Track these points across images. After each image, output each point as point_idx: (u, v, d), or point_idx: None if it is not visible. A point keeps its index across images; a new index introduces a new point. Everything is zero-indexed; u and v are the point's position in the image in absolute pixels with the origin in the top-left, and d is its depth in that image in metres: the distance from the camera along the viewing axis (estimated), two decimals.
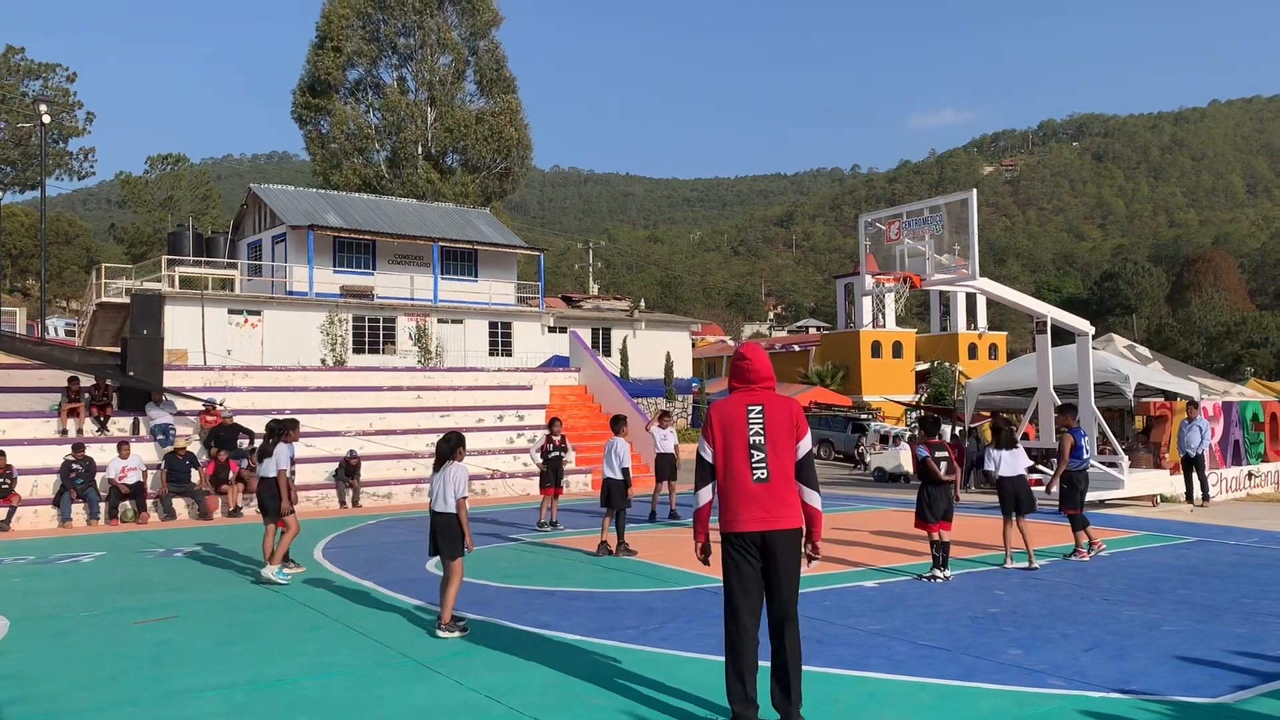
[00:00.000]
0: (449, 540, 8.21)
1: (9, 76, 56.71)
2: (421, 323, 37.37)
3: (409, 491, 20.29)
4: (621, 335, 43.22)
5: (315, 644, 7.90)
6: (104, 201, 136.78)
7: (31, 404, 19.69)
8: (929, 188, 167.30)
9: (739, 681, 5.52)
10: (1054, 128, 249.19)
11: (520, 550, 13.21)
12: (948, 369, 54.15)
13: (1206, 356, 77.15)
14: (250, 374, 23.76)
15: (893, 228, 17.34)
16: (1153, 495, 18.36)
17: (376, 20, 56.27)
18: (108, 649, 7.83)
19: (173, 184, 74.49)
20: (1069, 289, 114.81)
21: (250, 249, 42.19)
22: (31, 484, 17.21)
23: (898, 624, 8.31)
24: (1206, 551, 12.54)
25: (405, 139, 55.36)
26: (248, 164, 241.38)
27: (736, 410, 5.70)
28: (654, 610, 9.01)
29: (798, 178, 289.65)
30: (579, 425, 25.66)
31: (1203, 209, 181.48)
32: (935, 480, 10.49)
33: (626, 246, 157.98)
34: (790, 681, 5.52)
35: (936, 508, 10.47)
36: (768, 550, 5.53)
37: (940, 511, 10.45)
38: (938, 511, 10.45)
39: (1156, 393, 20.81)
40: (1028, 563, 11.08)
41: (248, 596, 10.06)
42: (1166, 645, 7.56)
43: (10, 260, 68.17)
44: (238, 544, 14.00)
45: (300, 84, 56.72)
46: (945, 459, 10.62)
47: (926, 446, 10.66)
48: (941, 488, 10.52)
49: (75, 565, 12.43)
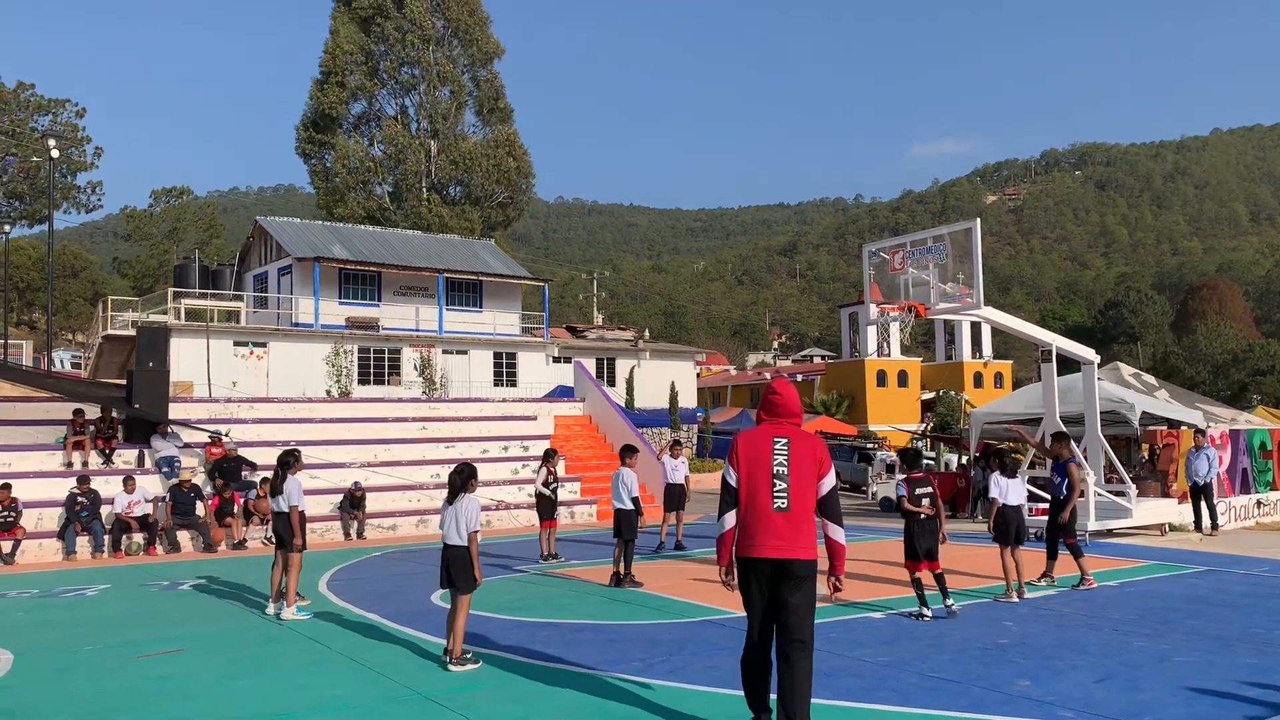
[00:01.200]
0: (461, 574, 8.18)
1: (19, 112, 57.21)
2: (426, 353, 37.41)
3: (414, 523, 20.23)
4: (626, 365, 43.21)
5: (321, 678, 7.86)
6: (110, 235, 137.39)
7: (37, 436, 19.71)
8: (932, 217, 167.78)
9: (754, 694, 5.89)
10: (1056, 157, 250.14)
11: (525, 582, 13.16)
12: (953, 397, 54.10)
13: (1213, 384, 76.87)
14: (255, 406, 23.78)
15: (896, 257, 17.36)
16: (1161, 524, 18.25)
17: (378, 55, 56.75)
18: (111, 683, 7.80)
19: (177, 217, 74.93)
20: (1073, 317, 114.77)
21: (256, 281, 42.36)
22: (36, 517, 17.20)
23: (905, 655, 8.25)
24: (1216, 581, 12.46)
25: (408, 171, 55.68)
26: (254, 196, 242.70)
27: (763, 441, 5.90)
28: (660, 643, 8.96)
29: (801, 207, 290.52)
30: (584, 456, 25.63)
31: (1206, 237, 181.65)
32: (917, 517, 10.07)
33: (631, 277, 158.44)
34: (794, 712, 5.56)
35: (920, 545, 10.07)
36: (779, 578, 5.67)
37: (924, 549, 10.06)
38: (921, 549, 10.07)
39: (1163, 421, 20.75)
40: (1016, 595, 10.98)
41: (252, 629, 10.02)
42: (1177, 676, 7.50)
43: (17, 293, 68.48)
44: (242, 577, 13.96)
45: (304, 119, 57.10)
46: (929, 494, 10.19)
47: (907, 483, 10.29)
48: (926, 524, 10.09)
49: (79, 598, 12.39)
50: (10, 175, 54.65)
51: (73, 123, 59.52)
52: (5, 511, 16.37)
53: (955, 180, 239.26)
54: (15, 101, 57.32)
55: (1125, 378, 22.39)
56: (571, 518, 22.05)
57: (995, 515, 11.28)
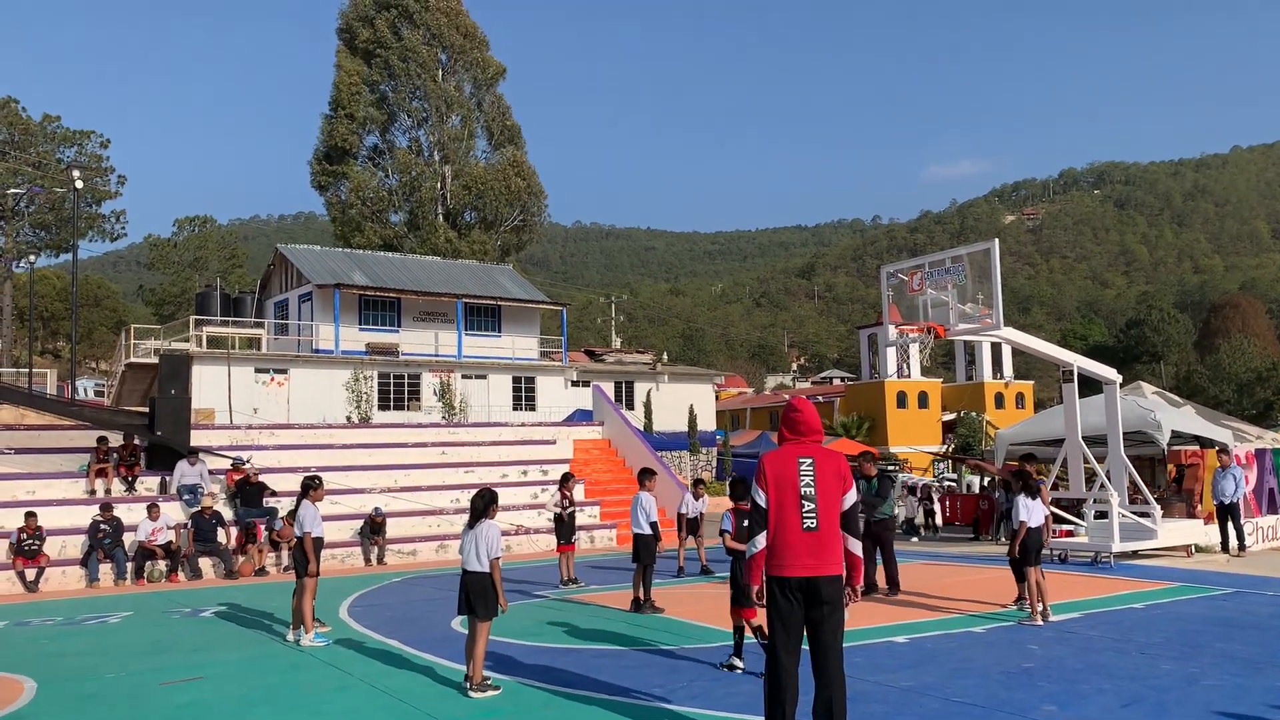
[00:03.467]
0: (481, 600, 8.16)
1: (45, 144, 58.09)
2: (446, 378, 37.54)
3: (434, 548, 20.23)
4: (645, 388, 43.21)
5: (341, 704, 7.85)
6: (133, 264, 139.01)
7: (60, 464, 19.86)
8: (950, 237, 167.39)
9: (778, 712, 5.87)
10: (1075, 176, 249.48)
11: (545, 607, 13.12)
12: (974, 419, 53.78)
13: (1237, 403, 76.22)
14: (276, 432, 23.90)
15: (915, 278, 17.31)
16: (1187, 545, 18.04)
17: (385, 87, 57.24)
18: (133, 711, 7.81)
19: (200, 245, 75.73)
20: (1094, 337, 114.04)
21: (277, 308, 42.70)
22: (60, 544, 17.30)
23: (929, 680, 8.17)
24: (1244, 603, 12.29)
25: (422, 198, 56.02)
26: (274, 224, 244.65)
27: (788, 462, 6.04)
28: (681, 669, 8.91)
29: (818, 229, 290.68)
30: (603, 479, 25.58)
31: (1228, 255, 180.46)
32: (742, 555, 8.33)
33: (648, 300, 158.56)
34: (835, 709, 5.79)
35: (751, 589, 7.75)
36: (811, 594, 5.85)
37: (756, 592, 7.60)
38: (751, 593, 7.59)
39: (1189, 440, 20.54)
40: (1038, 616, 10.84)
41: (274, 656, 10.02)
42: (1206, 700, 7.39)
43: (42, 323, 69.25)
44: (264, 603, 13.98)
45: (316, 153, 57.52)
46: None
47: (734, 514, 9.47)
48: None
49: (102, 626, 12.44)
50: (36, 205, 55.40)
51: (97, 154, 60.41)
52: (30, 539, 16.48)
53: (973, 200, 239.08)
54: (42, 133, 58.25)
55: (1149, 396, 22.20)
56: (591, 542, 21.99)
57: (1021, 537, 11.20)
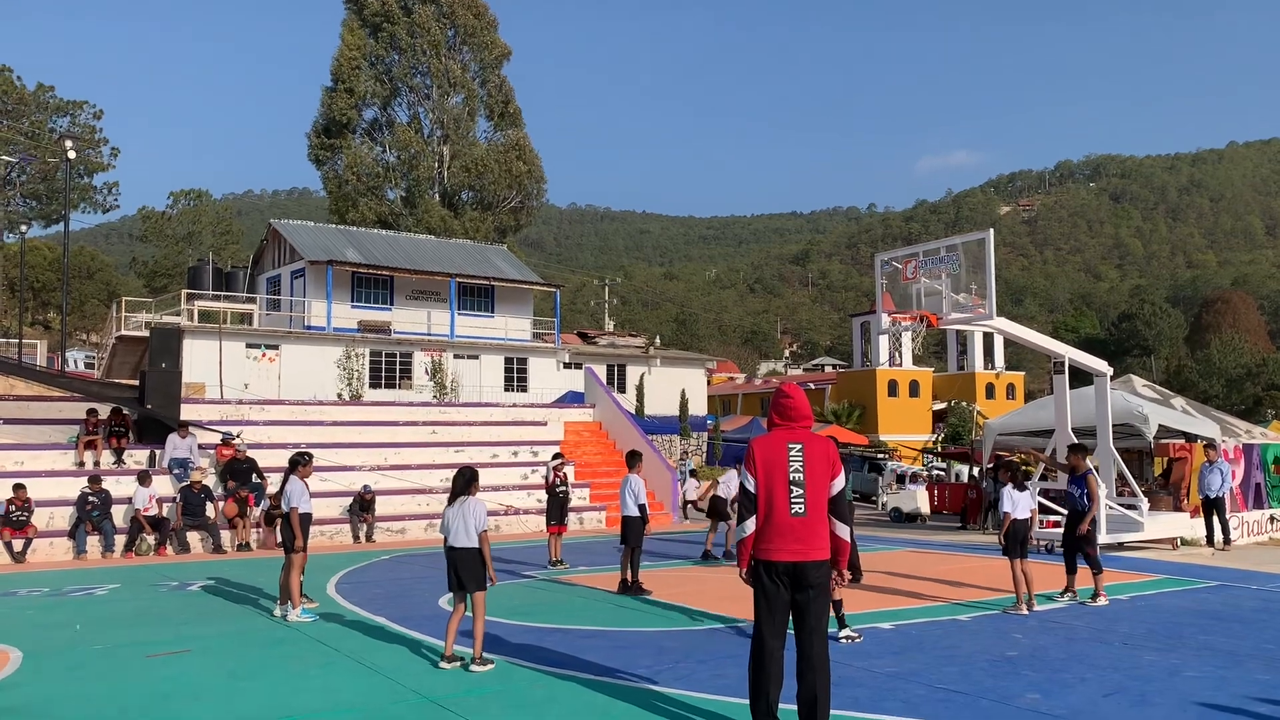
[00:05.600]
0: (471, 575, 8.19)
1: (38, 113, 57.67)
2: (437, 358, 37.47)
3: (423, 527, 20.25)
4: (637, 372, 43.19)
5: (327, 680, 7.86)
6: (126, 236, 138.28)
7: (49, 436, 19.81)
8: (945, 227, 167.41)
9: (762, 695, 5.87)
10: (1070, 168, 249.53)
11: (533, 588, 13.15)
12: (965, 408, 53.93)
13: (1226, 398, 76.53)
14: (267, 408, 23.85)
15: (909, 267, 17.33)
16: (1173, 538, 18.14)
17: (389, 61, 56.92)
18: (119, 683, 7.82)
19: (194, 219, 75.34)
20: (1086, 329, 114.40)
21: (269, 284, 42.51)
22: (48, 516, 17.28)
23: (914, 666, 8.21)
24: (1228, 596, 12.37)
25: (420, 176, 55.79)
26: (268, 199, 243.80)
27: (778, 447, 6.03)
28: (667, 650, 8.94)
29: (814, 216, 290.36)
30: (593, 462, 25.61)
31: (1221, 250, 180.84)
32: None
33: (643, 283, 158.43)
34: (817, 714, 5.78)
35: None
36: (798, 579, 5.87)
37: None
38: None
39: (1177, 434, 20.63)
40: (1025, 607, 10.92)
41: (260, 631, 10.03)
42: (1188, 691, 7.44)
43: (32, 293, 68.88)
44: (252, 578, 13.99)
45: (315, 126, 57.18)
46: None
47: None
48: None
49: (89, 598, 12.44)
50: (28, 174, 55.06)
51: (90, 124, 60.03)
52: (19, 510, 16.45)
53: (969, 191, 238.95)
54: (35, 103, 57.81)
55: (1138, 390, 22.26)
56: (581, 524, 22.04)
57: (1006, 528, 11.26)
